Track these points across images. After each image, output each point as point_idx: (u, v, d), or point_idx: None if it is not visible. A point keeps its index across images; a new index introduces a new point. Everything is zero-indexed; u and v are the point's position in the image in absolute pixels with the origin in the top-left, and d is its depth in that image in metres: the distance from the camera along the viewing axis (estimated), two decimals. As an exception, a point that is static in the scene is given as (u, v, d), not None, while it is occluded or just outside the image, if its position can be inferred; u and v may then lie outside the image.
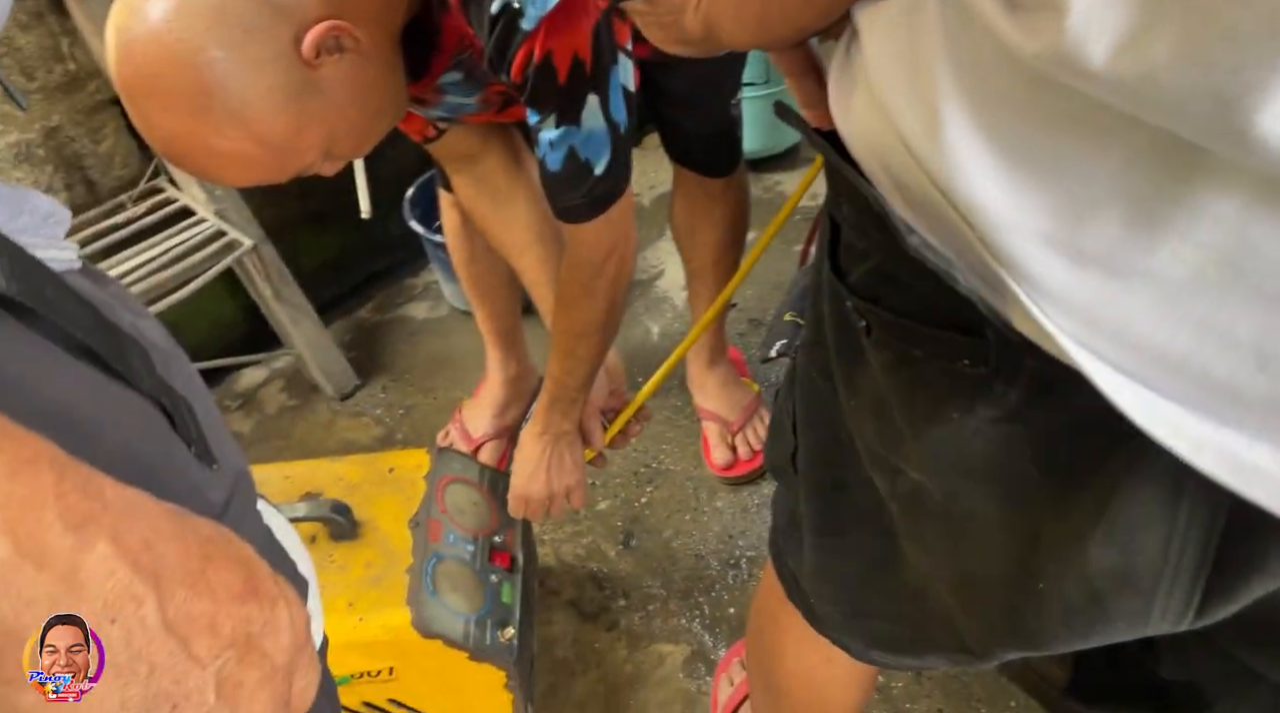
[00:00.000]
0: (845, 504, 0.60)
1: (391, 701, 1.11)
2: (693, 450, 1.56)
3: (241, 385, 1.76)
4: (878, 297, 0.46)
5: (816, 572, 0.66)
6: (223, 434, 0.48)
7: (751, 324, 1.79)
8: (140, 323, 0.43)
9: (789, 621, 0.75)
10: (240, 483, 0.46)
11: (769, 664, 0.84)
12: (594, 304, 1.07)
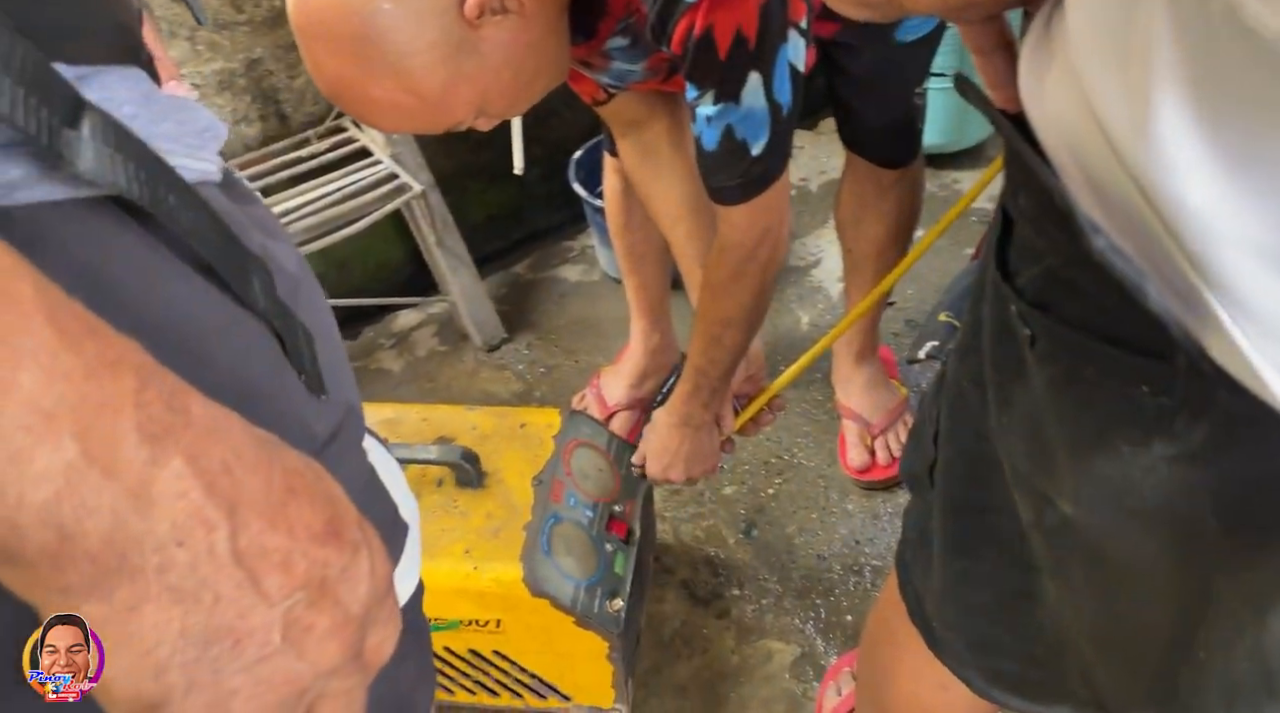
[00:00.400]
0: (983, 528, 0.55)
1: (496, 652, 1.13)
2: (828, 448, 1.51)
3: (397, 326, 1.82)
4: (1049, 304, 0.41)
5: (943, 595, 0.61)
6: (341, 369, 0.47)
7: (908, 325, 1.71)
8: (273, 246, 0.43)
9: (908, 639, 0.70)
10: (349, 419, 0.45)
11: (880, 682, 0.80)
12: (742, 290, 1.04)
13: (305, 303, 0.44)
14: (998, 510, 0.53)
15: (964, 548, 0.58)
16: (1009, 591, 0.55)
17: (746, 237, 1.00)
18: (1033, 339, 0.42)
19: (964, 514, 0.57)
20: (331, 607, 0.31)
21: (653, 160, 1.24)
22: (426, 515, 1.10)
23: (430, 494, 1.12)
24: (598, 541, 1.13)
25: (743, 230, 1.00)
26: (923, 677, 0.73)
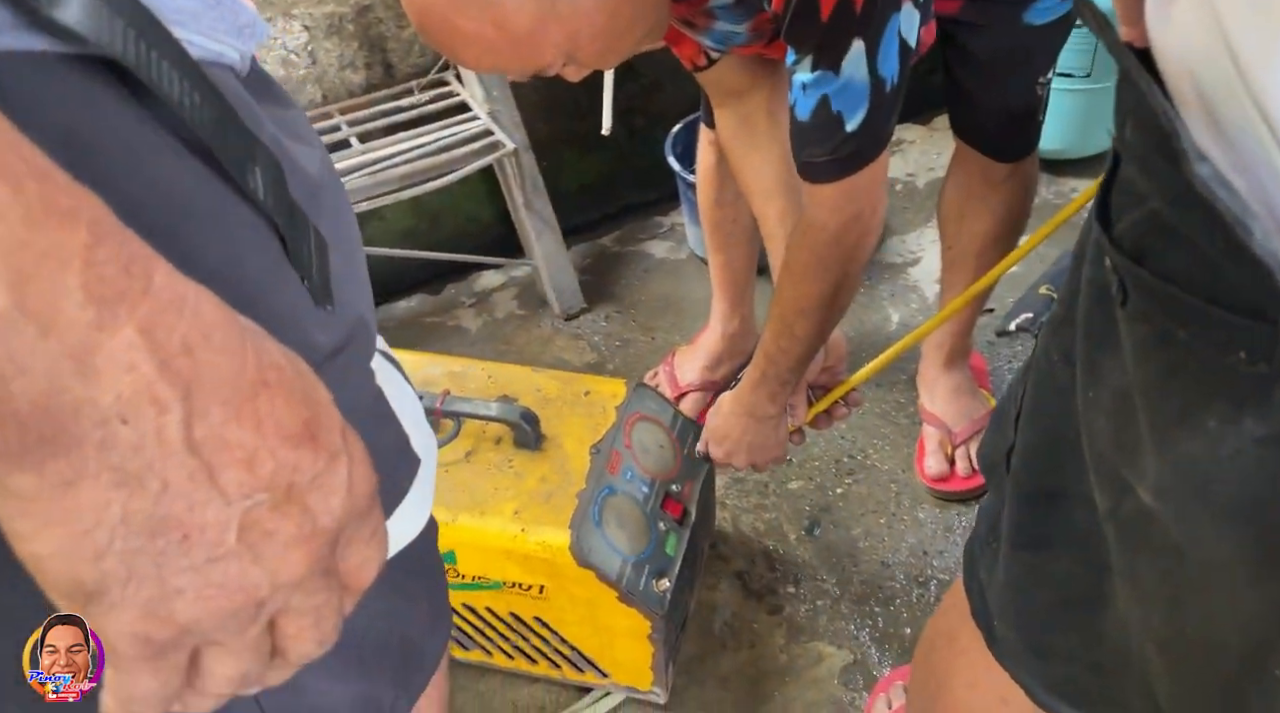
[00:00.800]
0: (1055, 519, 0.50)
1: (538, 618, 1.10)
2: (905, 453, 1.44)
3: (479, 286, 1.81)
4: (1146, 254, 0.36)
5: (1006, 589, 0.56)
6: (358, 286, 0.45)
7: (1004, 337, 1.61)
8: (296, 147, 0.40)
9: (968, 643, 0.65)
10: (358, 336, 0.42)
11: (934, 690, 0.74)
12: (823, 276, 0.98)
13: (327, 209, 0.42)
14: (1073, 500, 0.48)
15: (1033, 541, 0.53)
16: (1076, 590, 0.50)
17: (832, 219, 0.94)
18: (1124, 296, 0.38)
19: (1037, 503, 0.52)
20: (298, 514, 0.28)
21: (749, 132, 1.19)
22: (480, 472, 1.08)
23: (487, 451, 1.10)
24: (651, 518, 1.09)
25: (828, 212, 0.94)
26: (980, 687, 0.68)
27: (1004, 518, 0.55)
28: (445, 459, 1.09)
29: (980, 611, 0.63)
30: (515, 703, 1.18)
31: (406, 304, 1.78)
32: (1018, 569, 0.55)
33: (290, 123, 0.43)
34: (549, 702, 1.18)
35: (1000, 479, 0.57)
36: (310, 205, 0.40)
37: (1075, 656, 0.52)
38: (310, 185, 0.40)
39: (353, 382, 0.43)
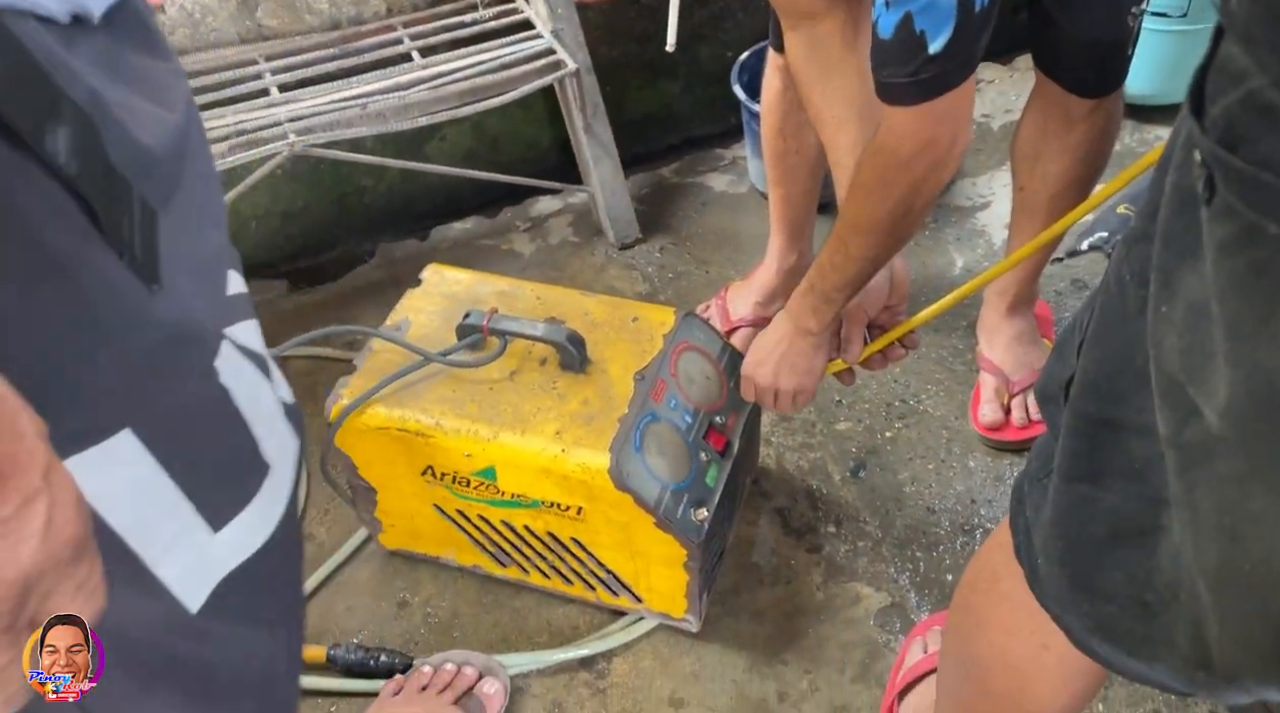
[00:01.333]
0: (1111, 450, 0.47)
1: (574, 539, 1.10)
2: (959, 399, 1.40)
3: (535, 211, 1.80)
4: (1238, 140, 0.33)
5: (1054, 525, 0.54)
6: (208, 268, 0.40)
7: (1074, 286, 1.55)
8: (143, 108, 0.36)
9: (1010, 588, 0.63)
10: (194, 329, 0.38)
11: (971, 632, 0.72)
12: (885, 199, 0.94)
13: (172, 181, 0.38)
14: (1131, 431, 0.46)
15: (1086, 471, 0.50)
16: (1128, 525, 0.48)
17: (904, 144, 0.90)
18: (1210, 194, 0.34)
19: (1094, 432, 0.49)
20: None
21: (821, 57, 1.14)
22: (523, 392, 1.07)
23: (531, 371, 1.09)
24: (693, 447, 1.08)
25: (900, 136, 0.90)
26: (1018, 632, 0.66)
27: (1057, 451, 0.53)
28: (489, 377, 1.09)
29: (1024, 548, 0.60)
30: (550, 622, 1.19)
31: (462, 226, 1.78)
32: (1068, 503, 0.52)
33: (151, 79, 0.39)
34: (583, 623, 1.19)
35: (1056, 411, 0.54)
36: (145, 174, 0.36)
37: (1121, 594, 0.50)
38: (146, 154, 0.36)
39: (186, 383, 0.40)
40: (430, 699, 1.07)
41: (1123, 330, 0.45)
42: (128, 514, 0.37)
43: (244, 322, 0.46)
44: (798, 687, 1.11)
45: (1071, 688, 0.68)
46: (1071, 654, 0.62)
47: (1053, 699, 0.70)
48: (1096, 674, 0.67)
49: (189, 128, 0.42)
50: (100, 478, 0.35)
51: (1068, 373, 0.51)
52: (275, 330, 1.57)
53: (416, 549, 1.24)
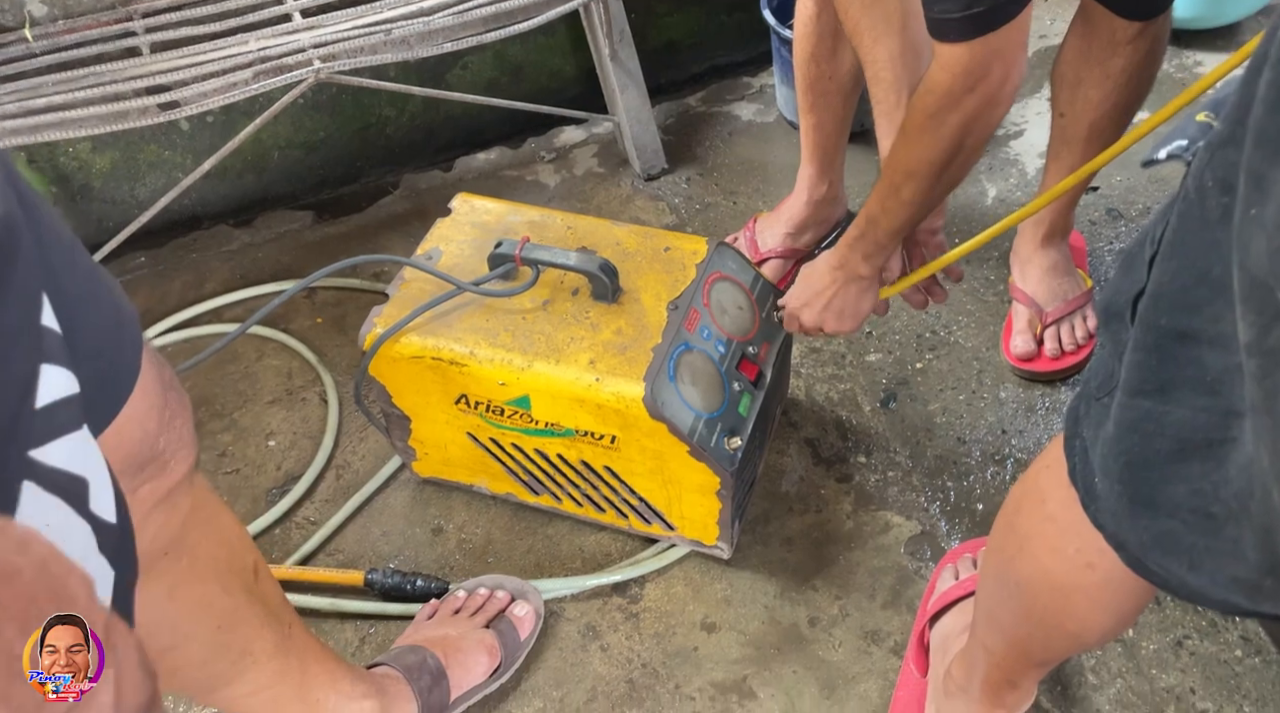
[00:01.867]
0: (1182, 362, 0.47)
1: (607, 468, 1.11)
2: (991, 331, 1.39)
3: (559, 141, 1.77)
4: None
5: (1115, 441, 0.54)
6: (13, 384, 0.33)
7: (1110, 215, 1.53)
8: None
9: (1055, 507, 0.63)
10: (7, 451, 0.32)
11: (1014, 553, 0.72)
12: (936, 140, 0.92)
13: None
14: (1205, 341, 0.45)
15: (1154, 386, 0.49)
16: (1197, 438, 0.47)
17: (956, 82, 0.87)
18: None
19: (1165, 345, 0.48)
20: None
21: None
22: (556, 322, 1.07)
23: (563, 301, 1.09)
24: (726, 377, 1.08)
25: (953, 73, 0.87)
26: (1062, 552, 0.66)
27: (1123, 366, 0.52)
28: (523, 306, 1.09)
29: (1080, 469, 0.60)
30: (582, 549, 1.20)
31: (486, 157, 1.76)
32: (1133, 418, 0.52)
33: None
34: (615, 549, 1.20)
35: (1121, 327, 0.53)
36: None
37: (1184, 507, 0.50)
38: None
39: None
40: (463, 622, 1.09)
41: (1201, 239, 0.44)
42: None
43: (61, 437, 0.38)
44: (828, 612, 1.13)
45: (1114, 610, 0.69)
46: (1116, 576, 0.62)
47: (1095, 620, 0.70)
48: (1140, 596, 0.68)
49: (11, 218, 0.34)
50: None
51: (1136, 287, 0.51)
52: (301, 261, 1.57)
53: (450, 478, 1.25)
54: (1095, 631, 0.72)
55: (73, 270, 0.42)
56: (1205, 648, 1.06)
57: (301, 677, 0.85)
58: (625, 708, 1.07)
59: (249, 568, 0.77)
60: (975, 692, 0.91)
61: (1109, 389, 0.56)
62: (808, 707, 1.05)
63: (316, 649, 0.88)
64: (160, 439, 0.59)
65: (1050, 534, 0.67)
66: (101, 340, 0.43)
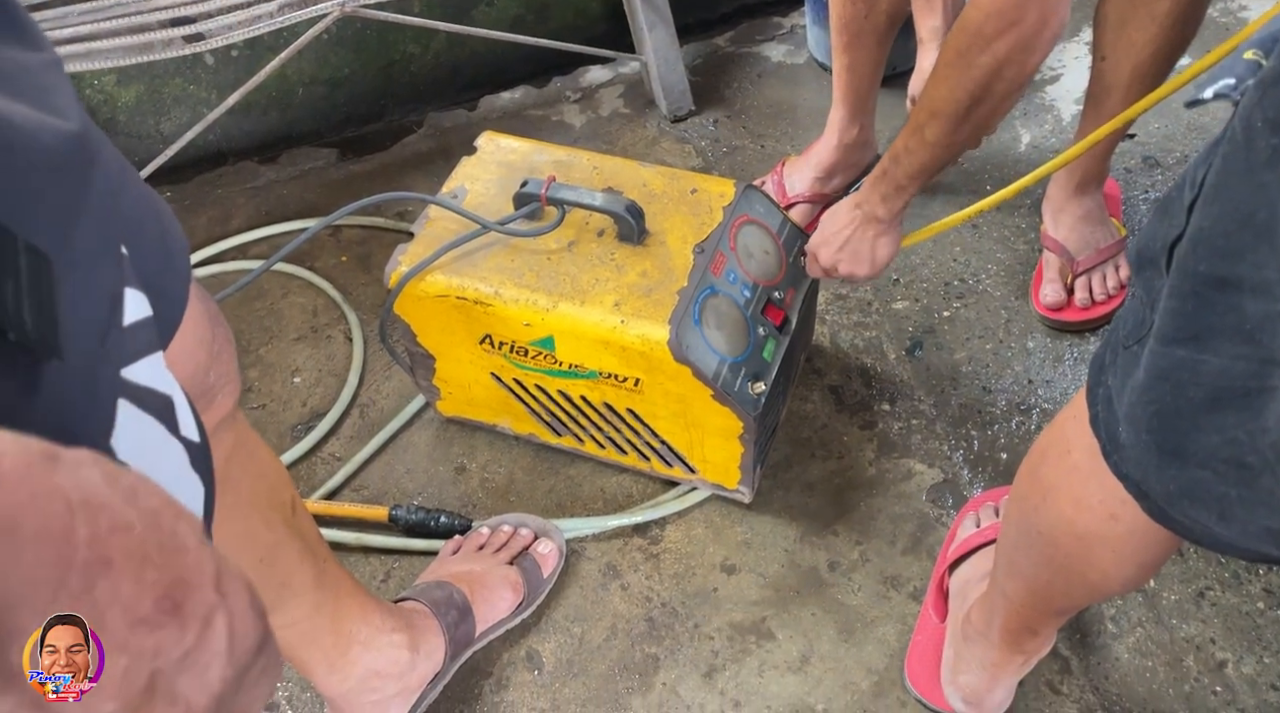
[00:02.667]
0: (1220, 309, 0.46)
1: (630, 411, 1.11)
2: (1020, 280, 1.37)
3: (585, 81, 1.75)
4: None
5: (1145, 389, 0.53)
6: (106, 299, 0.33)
7: (1146, 163, 1.50)
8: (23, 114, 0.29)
9: (1081, 457, 0.62)
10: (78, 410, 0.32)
11: (1037, 503, 0.72)
12: (964, 81, 0.89)
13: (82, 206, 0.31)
14: (1246, 288, 0.44)
15: (1190, 334, 0.48)
16: (1232, 387, 0.47)
17: (988, 22, 0.85)
18: None
19: (1203, 292, 0.47)
20: (165, 707, 0.23)
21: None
22: (581, 263, 1.06)
23: (589, 242, 1.08)
24: (751, 322, 1.07)
25: (985, 12, 0.84)
26: (1086, 503, 0.66)
27: (1157, 314, 0.51)
28: (548, 247, 1.08)
29: (1103, 417, 0.60)
30: (603, 490, 1.21)
31: (510, 96, 1.74)
32: (1165, 367, 0.51)
33: (26, 77, 0.33)
34: (636, 491, 1.21)
35: (1155, 275, 0.52)
36: (32, 211, 0.29)
37: (1217, 457, 0.49)
38: (34, 182, 0.30)
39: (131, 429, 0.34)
40: (486, 558, 1.10)
41: (1247, 182, 0.43)
42: None
43: (145, 357, 0.38)
44: (848, 557, 1.13)
45: (1137, 560, 0.69)
46: (1140, 527, 0.62)
47: (1117, 571, 0.70)
48: (1163, 548, 0.67)
49: (87, 133, 0.34)
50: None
51: (1174, 233, 0.49)
52: (326, 199, 1.57)
53: (473, 417, 1.26)
54: (1117, 581, 0.72)
55: (127, 193, 0.42)
56: (1227, 599, 1.06)
57: (335, 609, 0.87)
58: (645, 646, 1.08)
59: (287, 503, 0.78)
60: (994, 637, 0.91)
61: (1139, 337, 0.55)
62: (826, 649, 1.07)
63: (349, 584, 0.90)
64: (210, 373, 0.59)
65: (1074, 485, 0.66)
66: (154, 267, 0.43)
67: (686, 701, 1.04)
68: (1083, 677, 1.03)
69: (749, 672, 1.06)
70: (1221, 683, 1.01)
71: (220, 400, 0.62)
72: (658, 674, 1.06)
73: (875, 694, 1.03)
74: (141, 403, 0.37)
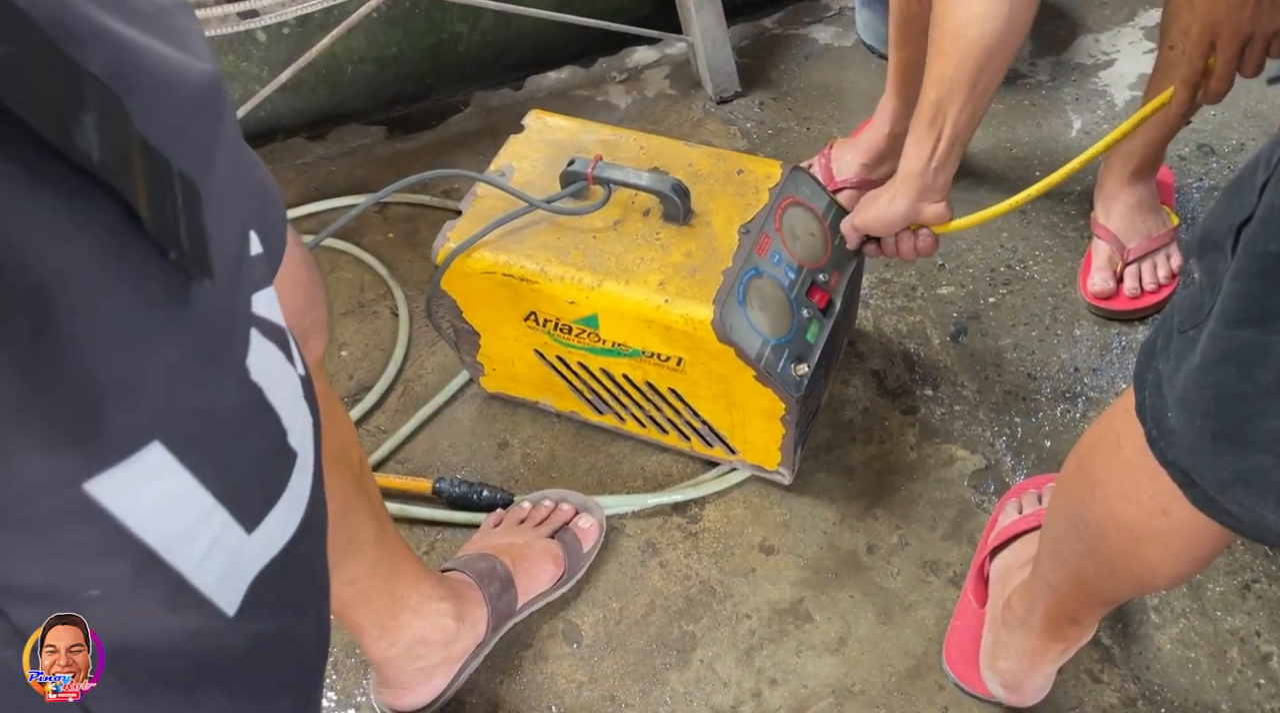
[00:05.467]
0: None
1: (672, 390, 1.12)
2: (1069, 267, 1.35)
3: (631, 62, 1.75)
4: None
5: (1202, 373, 0.52)
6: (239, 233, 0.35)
7: (1201, 151, 1.47)
8: (169, 55, 0.31)
9: (1134, 453, 0.62)
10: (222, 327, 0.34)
11: (1085, 495, 0.72)
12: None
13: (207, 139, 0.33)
14: None
15: (1258, 315, 0.48)
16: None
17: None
18: None
19: (1272, 272, 0.47)
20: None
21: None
22: (627, 242, 1.07)
23: (634, 222, 1.09)
24: (795, 303, 1.07)
25: None
26: (1136, 498, 0.65)
27: (1219, 297, 0.50)
28: (593, 226, 1.09)
29: (1150, 404, 0.59)
30: (644, 469, 1.22)
31: (556, 76, 1.74)
32: (1227, 350, 0.50)
33: (165, 20, 0.34)
34: (676, 471, 1.22)
35: (1218, 256, 0.51)
36: (181, 141, 0.31)
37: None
38: (182, 116, 0.32)
39: (219, 386, 0.37)
40: (528, 531, 1.12)
41: None
42: (163, 529, 0.36)
43: (264, 290, 0.41)
44: (888, 541, 1.13)
45: (1186, 557, 0.68)
46: (1190, 523, 0.61)
47: (1165, 567, 0.69)
48: (1213, 544, 0.66)
49: (219, 73, 0.37)
50: (131, 495, 0.34)
51: (1242, 214, 0.49)
52: (374, 177, 1.59)
53: (515, 394, 1.27)
54: (1165, 576, 0.71)
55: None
56: (1274, 592, 1.05)
57: (391, 571, 0.89)
58: (682, 623, 1.09)
59: (356, 460, 0.79)
60: (1035, 624, 0.91)
61: (1196, 322, 0.54)
62: (864, 631, 1.07)
63: (405, 548, 0.92)
64: (306, 316, 0.60)
65: (1125, 479, 0.66)
66: (259, 208, 0.46)
67: (724, 677, 1.05)
68: (1124, 666, 1.02)
69: (786, 652, 1.06)
70: (1265, 676, 1.00)
71: (313, 346, 0.63)
72: (695, 651, 1.07)
73: (912, 677, 1.03)
74: (265, 331, 0.40)
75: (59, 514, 0.33)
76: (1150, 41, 1.61)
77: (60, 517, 0.33)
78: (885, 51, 1.63)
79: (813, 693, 1.03)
